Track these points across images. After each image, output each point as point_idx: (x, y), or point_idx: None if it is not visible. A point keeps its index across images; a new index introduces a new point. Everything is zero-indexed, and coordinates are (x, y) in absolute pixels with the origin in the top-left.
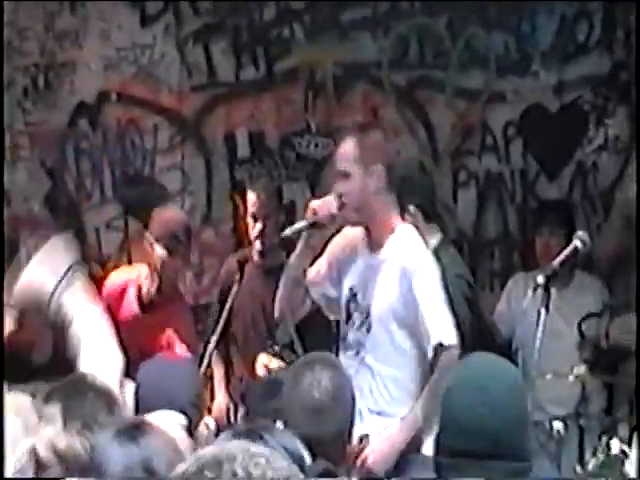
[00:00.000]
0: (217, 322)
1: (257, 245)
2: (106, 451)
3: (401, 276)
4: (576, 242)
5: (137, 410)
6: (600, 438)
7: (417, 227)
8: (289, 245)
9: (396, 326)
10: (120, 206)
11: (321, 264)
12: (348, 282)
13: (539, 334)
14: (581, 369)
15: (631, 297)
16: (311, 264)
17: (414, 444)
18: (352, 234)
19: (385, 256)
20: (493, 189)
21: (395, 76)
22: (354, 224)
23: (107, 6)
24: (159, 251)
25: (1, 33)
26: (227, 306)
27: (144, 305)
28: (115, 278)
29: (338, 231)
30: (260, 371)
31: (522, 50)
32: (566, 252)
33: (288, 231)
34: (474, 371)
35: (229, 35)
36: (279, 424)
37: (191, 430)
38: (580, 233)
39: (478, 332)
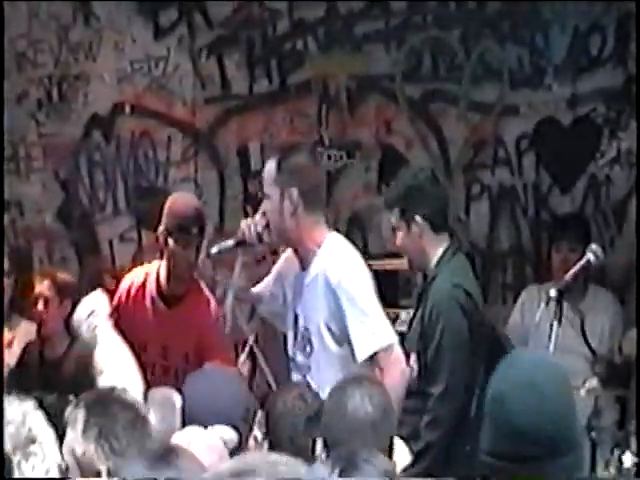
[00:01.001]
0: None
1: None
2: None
3: (326, 290)
4: (589, 255)
5: (184, 423)
6: (612, 452)
7: (421, 237)
8: None
9: (334, 344)
10: (133, 218)
11: (267, 280)
12: (289, 304)
13: (551, 347)
14: (593, 382)
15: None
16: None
17: None
18: (241, 261)
19: (313, 272)
20: (506, 202)
21: (408, 89)
22: (277, 244)
23: (121, 18)
24: (171, 244)
25: (1, 33)
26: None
27: (166, 299)
28: (133, 275)
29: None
30: None
31: (535, 63)
32: (579, 266)
33: (214, 249)
34: (522, 369)
35: (243, 48)
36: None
37: (241, 445)
38: (593, 247)
39: (487, 344)
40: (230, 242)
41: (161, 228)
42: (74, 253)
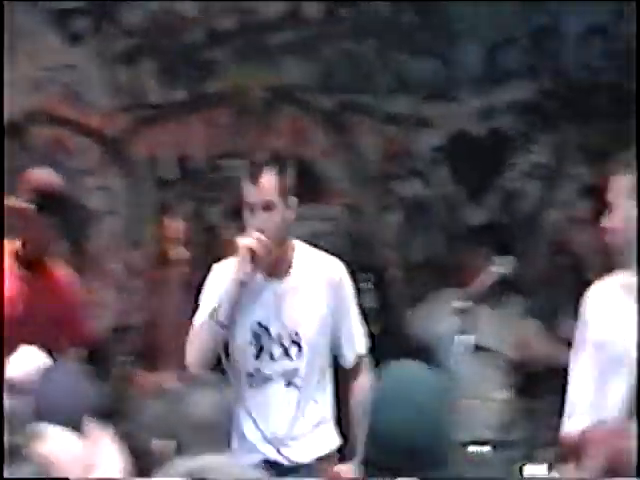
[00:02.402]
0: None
1: (179, 265)
2: None
3: (328, 289)
4: (499, 267)
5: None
6: (523, 462)
7: None
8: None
9: (324, 342)
10: None
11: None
12: (249, 317)
13: (460, 358)
14: (505, 393)
15: (557, 322)
16: None
17: None
18: (231, 273)
19: (297, 277)
20: (419, 214)
21: (323, 100)
22: (275, 256)
23: (35, 26)
24: (25, 206)
25: (1, 33)
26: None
27: (25, 264)
28: None
29: None
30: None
31: (449, 76)
32: (488, 276)
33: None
34: (400, 383)
35: (157, 57)
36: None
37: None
38: (503, 258)
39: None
40: (247, 265)
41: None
42: None
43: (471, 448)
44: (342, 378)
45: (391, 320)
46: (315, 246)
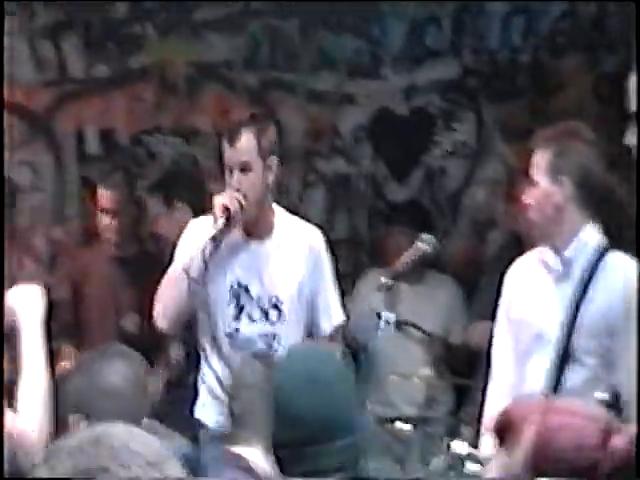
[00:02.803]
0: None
1: (109, 238)
2: None
3: (309, 255)
4: (422, 244)
5: None
6: (444, 439)
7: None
8: (143, 236)
9: (302, 309)
10: None
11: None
12: (228, 276)
13: (386, 333)
14: (426, 370)
15: (483, 303)
16: None
17: None
18: (207, 230)
19: (278, 241)
20: (342, 191)
21: (247, 77)
22: (255, 217)
23: None
24: None
25: (1, 33)
26: (80, 301)
27: None
28: None
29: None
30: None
31: (373, 54)
32: (411, 253)
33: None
34: (300, 362)
35: (80, 31)
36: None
37: None
38: (426, 235)
39: None
40: (220, 221)
41: None
42: None
43: (395, 424)
44: None
45: None
46: None
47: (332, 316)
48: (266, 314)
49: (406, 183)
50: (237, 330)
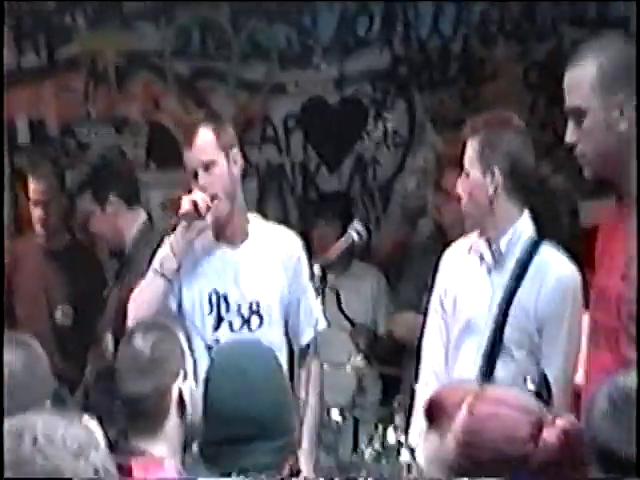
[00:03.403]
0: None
1: (40, 229)
2: None
3: (285, 262)
4: (352, 233)
5: None
6: (376, 428)
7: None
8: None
9: (282, 315)
10: None
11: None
12: (203, 285)
13: (315, 323)
14: (357, 360)
15: (410, 293)
16: None
17: None
18: (185, 237)
19: (254, 247)
20: (274, 180)
21: (177, 66)
22: (229, 214)
23: None
24: None
25: (1, 33)
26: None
27: None
28: None
29: None
30: None
31: (303, 43)
32: (341, 242)
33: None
34: (230, 357)
35: (10, 21)
36: None
37: None
38: (356, 224)
39: None
40: (189, 222)
41: None
42: None
43: (331, 413)
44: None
45: None
46: None
47: (314, 322)
48: (247, 321)
49: (337, 172)
50: (217, 341)
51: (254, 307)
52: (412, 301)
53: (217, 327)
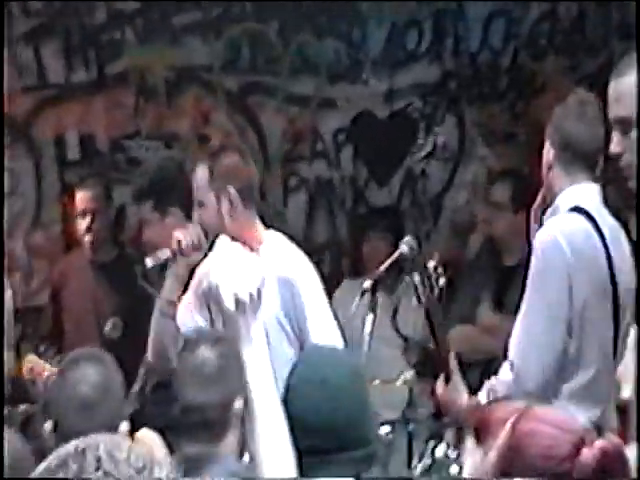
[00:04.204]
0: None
1: (87, 239)
2: None
3: (281, 285)
4: (403, 248)
5: None
6: (427, 443)
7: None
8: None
9: (283, 337)
10: None
11: (189, 295)
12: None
13: (367, 339)
14: (408, 374)
15: (463, 307)
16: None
17: None
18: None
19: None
20: (323, 195)
21: (226, 81)
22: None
23: None
24: None
25: (1, 32)
26: (60, 306)
27: None
28: None
29: None
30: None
31: (353, 57)
32: (392, 258)
33: (150, 262)
34: (312, 365)
35: (60, 37)
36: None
37: None
38: (407, 239)
39: None
40: (166, 252)
41: None
42: None
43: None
44: None
45: None
46: None
47: (325, 338)
48: None
49: (387, 186)
50: None
51: None
52: (465, 315)
53: None
